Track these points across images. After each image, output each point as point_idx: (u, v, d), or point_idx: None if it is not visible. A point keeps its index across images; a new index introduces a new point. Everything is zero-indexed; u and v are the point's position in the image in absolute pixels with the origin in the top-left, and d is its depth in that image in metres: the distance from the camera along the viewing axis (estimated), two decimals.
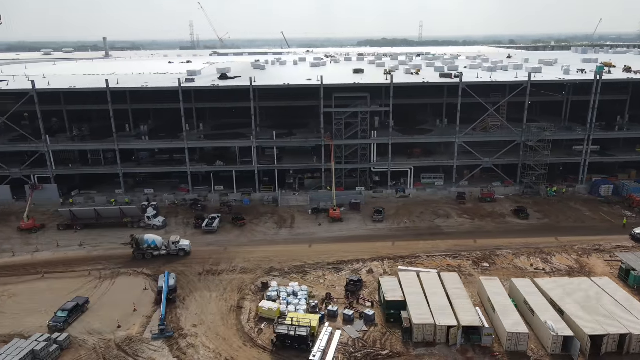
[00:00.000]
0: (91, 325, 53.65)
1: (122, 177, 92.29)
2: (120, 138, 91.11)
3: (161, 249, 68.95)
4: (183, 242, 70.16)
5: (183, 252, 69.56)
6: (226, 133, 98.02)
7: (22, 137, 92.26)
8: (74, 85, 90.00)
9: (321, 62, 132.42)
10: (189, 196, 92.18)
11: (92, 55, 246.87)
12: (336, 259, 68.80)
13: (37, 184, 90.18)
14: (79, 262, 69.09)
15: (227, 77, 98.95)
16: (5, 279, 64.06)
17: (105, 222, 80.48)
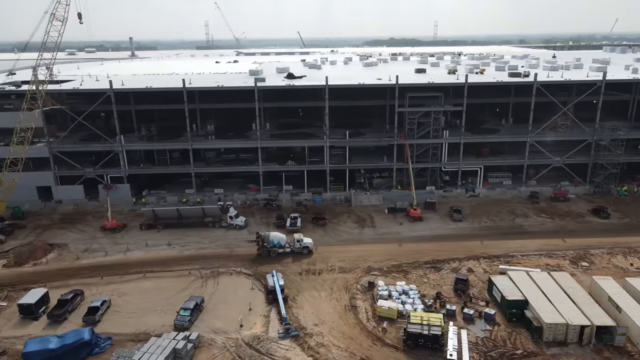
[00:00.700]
0: (213, 324, 53.75)
1: (189, 177, 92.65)
2: (191, 138, 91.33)
3: (285, 247, 69.36)
4: (306, 240, 70.61)
5: (306, 250, 69.84)
6: (293, 132, 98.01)
7: (92, 136, 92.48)
8: (150, 85, 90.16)
9: (373, 62, 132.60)
10: (260, 196, 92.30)
11: (118, 56, 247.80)
12: (430, 257, 68.80)
13: (111, 183, 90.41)
14: (173, 261, 69.19)
15: (294, 77, 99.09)
16: (108, 278, 64.26)
17: (186, 222, 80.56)
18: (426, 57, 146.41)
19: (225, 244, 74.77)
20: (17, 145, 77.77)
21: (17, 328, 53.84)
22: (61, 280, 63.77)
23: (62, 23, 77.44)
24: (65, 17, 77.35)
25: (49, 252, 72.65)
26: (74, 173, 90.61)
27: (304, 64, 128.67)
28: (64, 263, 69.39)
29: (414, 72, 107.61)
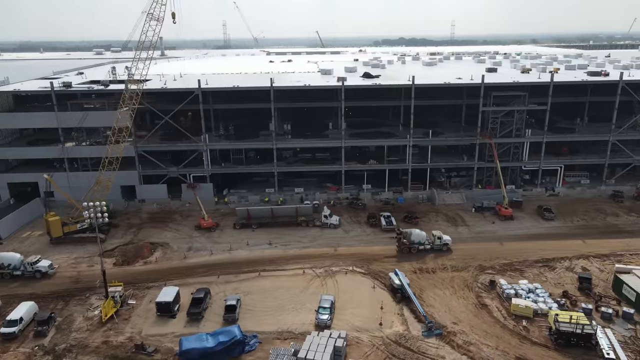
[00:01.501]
0: (353, 323, 53.84)
1: (263, 177, 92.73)
2: (268, 137, 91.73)
3: (425, 244, 69.79)
4: (445, 238, 71.00)
5: (445, 247, 70.18)
6: (370, 132, 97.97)
7: (169, 136, 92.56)
8: (237, 84, 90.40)
9: (433, 62, 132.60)
10: (341, 194, 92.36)
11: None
12: (539, 256, 68.83)
13: (194, 182, 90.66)
14: (281, 260, 69.29)
15: (370, 76, 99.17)
16: (223, 277, 64.45)
17: (279, 221, 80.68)
18: (478, 56, 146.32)
19: (325, 242, 74.86)
20: (114, 144, 77.89)
21: (158, 326, 54.03)
22: (180, 279, 63.98)
23: (159, 22, 77.50)
24: (161, 17, 77.42)
25: (154, 251, 72.89)
26: (158, 172, 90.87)
27: (364, 64, 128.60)
28: (173, 262, 69.61)
29: (485, 71, 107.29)
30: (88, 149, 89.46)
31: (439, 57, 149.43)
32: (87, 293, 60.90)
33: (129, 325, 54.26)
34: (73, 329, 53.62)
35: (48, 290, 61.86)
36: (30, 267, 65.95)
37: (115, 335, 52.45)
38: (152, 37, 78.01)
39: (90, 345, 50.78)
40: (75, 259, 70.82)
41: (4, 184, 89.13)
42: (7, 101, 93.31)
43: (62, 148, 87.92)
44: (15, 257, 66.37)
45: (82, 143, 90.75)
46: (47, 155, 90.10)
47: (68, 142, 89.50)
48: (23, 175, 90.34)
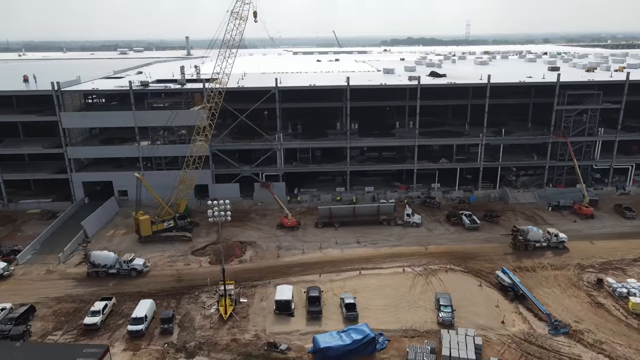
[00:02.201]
0: (475, 321, 53.82)
1: (328, 175, 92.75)
2: (339, 136, 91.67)
3: (542, 242, 70.29)
4: (562, 235, 71.20)
5: (562, 245, 70.41)
6: (438, 130, 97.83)
7: (238, 134, 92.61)
8: (313, 83, 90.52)
9: (485, 61, 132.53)
10: (413, 193, 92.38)
11: (174, 54, 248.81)
12: (635, 255, 68.72)
13: (267, 182, 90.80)
14: (376, 259, 69.32)
15: (438, 75, 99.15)
16: (326, 276, 64.50)
17: (360, 220, 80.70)
18: (524, 55, 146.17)
19: (414, 241, 74.85)
20: (198, 143, 78.00)
21: (280, 324, 54.11)
22: (282, 278, 64.08)
23: (244, 21, 77.59)
24: (246, 16, 77.49)
25: (244, 250, 73.00)
26: (231, 171, 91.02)
27: (416, 63, 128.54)
28: (268, 261, 69.69)
29: (548, 70, 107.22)
30: (163, 148, 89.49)
31: (486, 56, 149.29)
32: (196, 291, 61.02)
33: (250, 323, 54.35)
34: (196, 327, 53.73)
35: (155, 289, 61.98)
36: (126, 266, 66.17)
37: (240, 333, 52.54)
38: (237, 36, 78.13)
39: (219, 343, 50.87)
40: (169, 257, 70.96)
41: (79, 183, 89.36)
42: (80, 101, 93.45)
43: (138, 147, 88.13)
44: (110, 256, 66.53)
45: (156, 142, 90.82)
46: (124, 154, 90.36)
47: (142, 141, 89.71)
48: (97, 174, 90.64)
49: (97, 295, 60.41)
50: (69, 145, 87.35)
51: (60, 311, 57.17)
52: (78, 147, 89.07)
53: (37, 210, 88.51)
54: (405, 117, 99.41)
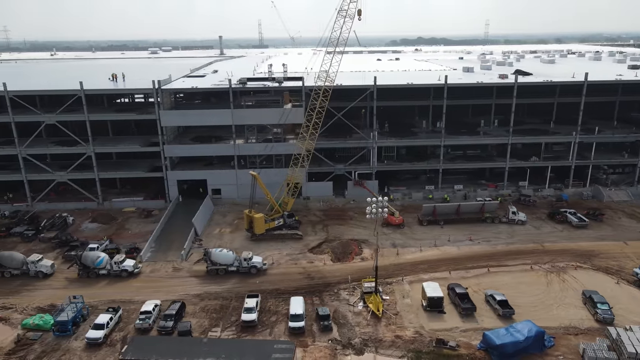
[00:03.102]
0: (631, 318, 53.78)
1: (412, 174, 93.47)
2: (428, 134, 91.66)
3: None
4: None
5: None
6: (524, 129, 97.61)
7: (327, 132, 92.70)
8: (411, 81, 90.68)
9: (550, 60, 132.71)
10: (504, 191, 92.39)
11: (208, 54, 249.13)
12: None
13: (361, 180, 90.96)
14: (496, 256, 69.45)
15: (523, 73, 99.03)
16: (455, 273, 64.70)
17: (464, 217, 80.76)
18: (582, 54, 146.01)
19: (526, 239, 74.85)
20: (306, 141, 78.11)
21: (436, 321, 54.26)
22: (412, 275, 64.33)
23: (350, 19, 77.62)
24: (351, 14, 77.51)
25: (361, 247, 73.08)
26: (324, 169, 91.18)
27: (484, 62, 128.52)
28: (389, 258, 69.76)
29: (627, 68, 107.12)
30: (258, 145, 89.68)
31: (544, 55, 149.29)
32: (334, 288, 61.20)
33: (405, 320, 54.50)
34: (352, 324, 53.88)
35: (290, 286, 62.15)
36: (246, 264, 66.40)
37: (400, 330, 52.69)
38: (344, 34, 78.13)
39: (384, 340, 50.99)
40: (288, 255, 71.15)
41: (174, 181, 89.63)
42: (170, 99, 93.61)
43: (234, 145, 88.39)
44: (230, 255, 66.74)
45: (250, 140, 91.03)
46: (220, 152, 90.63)
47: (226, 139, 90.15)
48: (192, 173, 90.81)
49: (234, 292, 60.88)
50: (165, 144, 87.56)
51: (208, 308, 57.41)
52: (175, 145, 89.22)
53: (132, 209, 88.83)
54: (490, 115, 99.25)
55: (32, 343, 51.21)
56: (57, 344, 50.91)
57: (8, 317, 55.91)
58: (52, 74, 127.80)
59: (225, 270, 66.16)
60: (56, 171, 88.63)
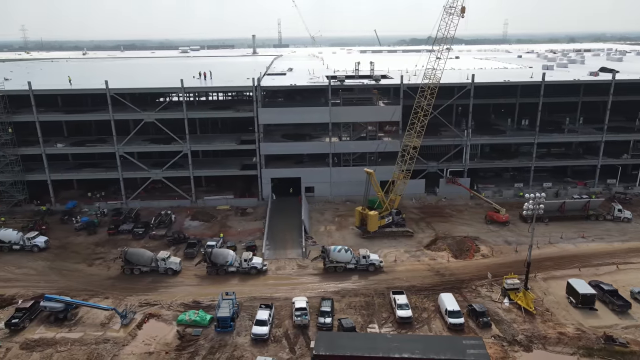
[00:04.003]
0: None
1: (492, 171, 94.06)
2: (516, 132, 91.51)
3: None
4: None
5: None
6: (611, 127, 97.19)
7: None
8: (507, 79, 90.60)
9: (619, 58, 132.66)
10: (595, 189, 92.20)
11: (241, 52, 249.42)
12: None
13: (454, 177, 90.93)
14: (618, 253, 69.40)
15: (608, 70, 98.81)
16: (585, 270, 64.54)
17: (568, 215, 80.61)
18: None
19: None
20: (414, 138, 77.98)
21: (592, 318, 54.21)
22: (543, 272, 64.26)
23: (457, 16, 77.43)
24: (457, 11, 77.28)
25: (477, 245, 72.93)
26: (416, 167, 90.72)
27: (549, 60, 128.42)
28: (510, 255, 69.78)
29: None
30: (354, 144, 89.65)
31: (602, 53, 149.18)
32: (472, 285, 61.20)
33: (560, 317, 54.42)
34: (508, 321, 53.81)
35: (427, 283, 62.16)
36: (364, 261, 66.38)
37: (560, 327, 52.56)
38: (451, 32, 77.93)
39: (549, 337, 50.86)
40: (406, 252, 71.10)
41: (268, 179, 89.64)
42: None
43: (330, 143, 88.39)
44: (348, 255, 66.60)
45: (343, 138, 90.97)
46: (315, 150, 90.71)
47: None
48: (286, 171, 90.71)
49: (370, 289, 60.95)
50: (262, 142, 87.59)
51: (353, 304, 57.41)
52: (271, 143, 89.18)
53: (226, 207, 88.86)
54: (577, 113, 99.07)
55: (195, 339, 51.28)
56: (222, 340, 50.98)
57: (159, 313, 56.01)
58: (128, 72, 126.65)
59: (344, 267, 66.17)
60: (150, 169, 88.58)
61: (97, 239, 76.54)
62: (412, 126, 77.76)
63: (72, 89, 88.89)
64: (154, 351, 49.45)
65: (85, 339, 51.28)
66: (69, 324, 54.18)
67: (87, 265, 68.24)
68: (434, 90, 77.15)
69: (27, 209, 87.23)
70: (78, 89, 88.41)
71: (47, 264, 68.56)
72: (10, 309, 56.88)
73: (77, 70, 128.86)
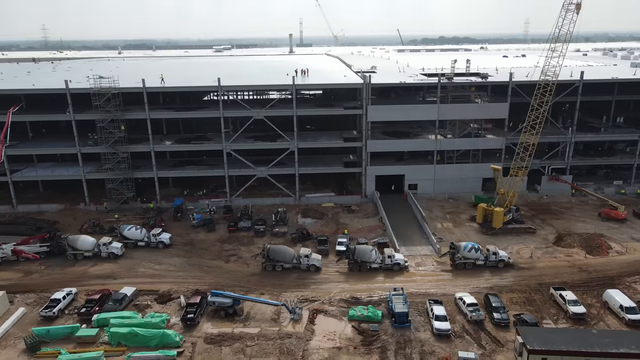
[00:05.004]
0: None
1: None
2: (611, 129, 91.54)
3: None
4: None
5: None
6: None
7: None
8: (616, 76, 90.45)
9: None
10: None
11: (278, 52, 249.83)
12: None
13: (557, 174, 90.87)
14: None
15: None
16: None
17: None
18: None
19: None
20: (535, 135, 77.81)
21: None
22: None
23: (576, 13, 77.24)
24: (572, 8, 77.03)
25: (605, 242, 72.75)
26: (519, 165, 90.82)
27: (624, 58, 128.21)
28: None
29: None
30: (459, 141, 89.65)
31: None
32: (625, 281, 61.17)
33: None
34: None
35: (576, 279, 61.94)
36: (494, 257, 66.29)
37: None
38: (570, 29, 77.71)
39: None
40: (536, 248, 71.06)
41: (372, 176, 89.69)
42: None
43: (435, 140, 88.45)
44: (477, 253, 66.40)
45: (447, 135, 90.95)
46: (420, 147, 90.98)
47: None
48: (391, 168, 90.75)
49: (522, 285, 60.85)
50: (369, 139, 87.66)
51: (515, 300, 57.41)
52: (377, 140, 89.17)
53: (331, 204, 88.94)
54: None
55: (375, 334, 51.33)
56: (404, 335, 51.00)
57: (323, 309, 56.12)
58: (201, 71, 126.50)
59: (473, 264, 66.22)
60: (256, 167, 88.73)
61: (218, 236, 76.76)
62: (531, 123, 77.68)
63: (185, 86, 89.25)
64: (341, 346, 49.54)
65: (266, 334, 51.41)
66: (240, 319, 54.36)
67: (224, 262, 68.44)
68: (552, 87, 77.20)
69: (134, 207, 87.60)
70: (191, 87, 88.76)
71: (183, 260, 68.78)
72: (173, 305, 57.32)
73: (141, 68, 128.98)
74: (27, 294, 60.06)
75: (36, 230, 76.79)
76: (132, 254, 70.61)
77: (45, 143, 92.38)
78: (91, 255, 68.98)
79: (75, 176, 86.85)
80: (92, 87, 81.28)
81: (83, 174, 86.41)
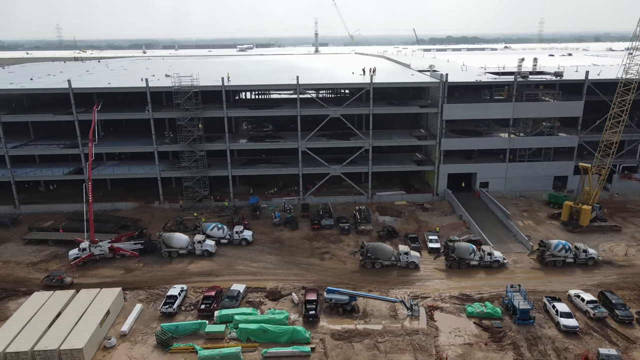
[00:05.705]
0: None
1: None
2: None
3: None
4: None
5: None
6: None
7: None
8: None
9: None
10: None
11: (304, 51, 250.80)
12: None
13: (629, 172, 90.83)
14: None
15: None
16: None
17: None
18: None
19: None
20: (619, 134, 77.72)
21: None
22: None
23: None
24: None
25: None
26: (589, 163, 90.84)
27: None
28: None
29: None
30: (532, 139, 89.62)
31: None
32: None
33: None
34: None
35: None
36: (584, 255, 66.29)
37: None
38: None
39: None
40: (628, 246, 71.18)
41: (445, 174, 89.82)
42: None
43: (509, 138, 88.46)
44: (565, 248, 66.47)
45: (519, 134, 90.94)
46: (493, 146, 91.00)
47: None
48: (463, 166, 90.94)
49: (628, 282, 60.83)
50: (443, 137, 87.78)
51: (627, 297, 57.37)
52: (451, 139, 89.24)
53: (404, 202, 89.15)
54: None
55: (500, 330, 51.46)
56: (530, 332, 51.10)
57: (438, 305, 56.25)
58: (246, 70, 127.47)
59: (563, 261, 66.27)
60: (330, 165, 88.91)
61: (303, 234, 76.97)
62: (615, 122, 77.61)
63: (264, 84, 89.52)
64: (472, 342, 49.67)
65: (392, 330, 51.58)
66: (358, 316, 54.57)
67: (320, 260, 68.59)
68: (635, 86, 77.07)
69: (209, 205, 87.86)
70: (269, 85, 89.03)
71: (278, 258, 68.99)
72: (285, 302, 57.54)
73: (188, 68, 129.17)
74: (136, 290, 60.40)
75: (121, 228, 77.21)
76: (224, 252, 70.87)
77: (116, 141, 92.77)
78: (185, 253, 69.28)
79: (151, 174, 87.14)
80: (173, 85, 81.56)
81: (158, 172, 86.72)
